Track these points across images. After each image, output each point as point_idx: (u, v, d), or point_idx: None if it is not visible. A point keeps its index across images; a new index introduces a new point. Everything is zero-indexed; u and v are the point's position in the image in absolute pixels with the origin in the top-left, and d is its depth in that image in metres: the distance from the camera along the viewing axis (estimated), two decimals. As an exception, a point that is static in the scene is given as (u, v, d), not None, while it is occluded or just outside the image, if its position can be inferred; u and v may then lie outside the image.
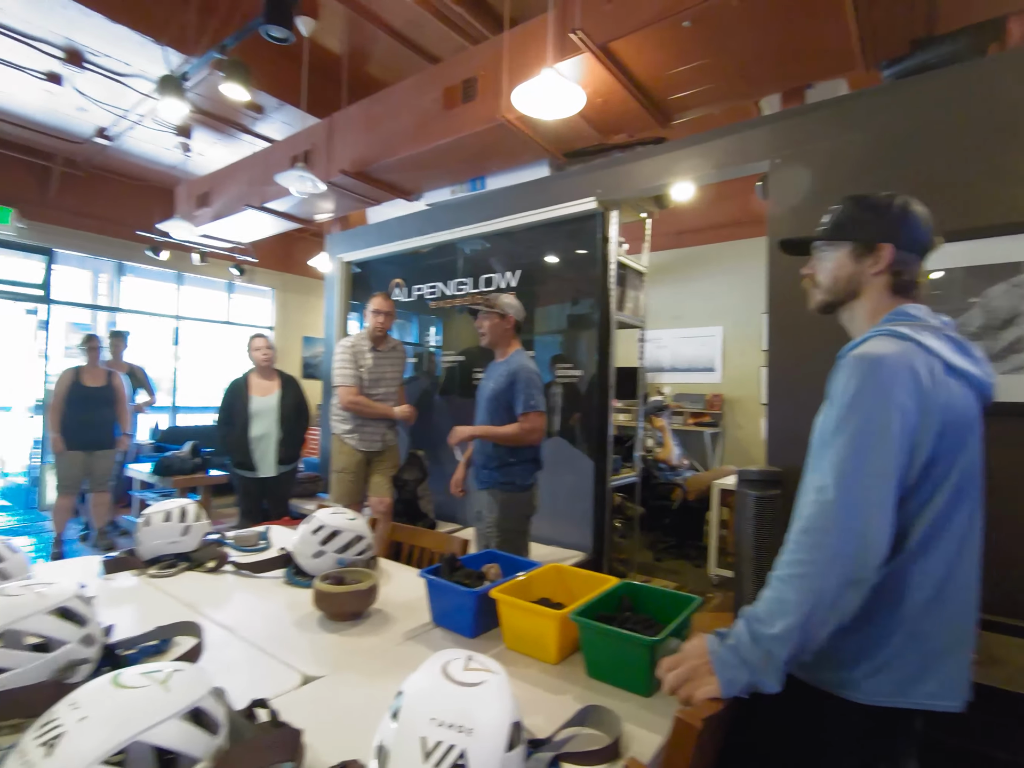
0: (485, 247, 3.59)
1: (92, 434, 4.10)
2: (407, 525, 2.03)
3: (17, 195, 5.38)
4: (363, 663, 1.14)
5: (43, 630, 0.93)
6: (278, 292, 7.79)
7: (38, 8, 3.24)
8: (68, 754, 0.61)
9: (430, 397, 3.84)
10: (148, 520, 1.70)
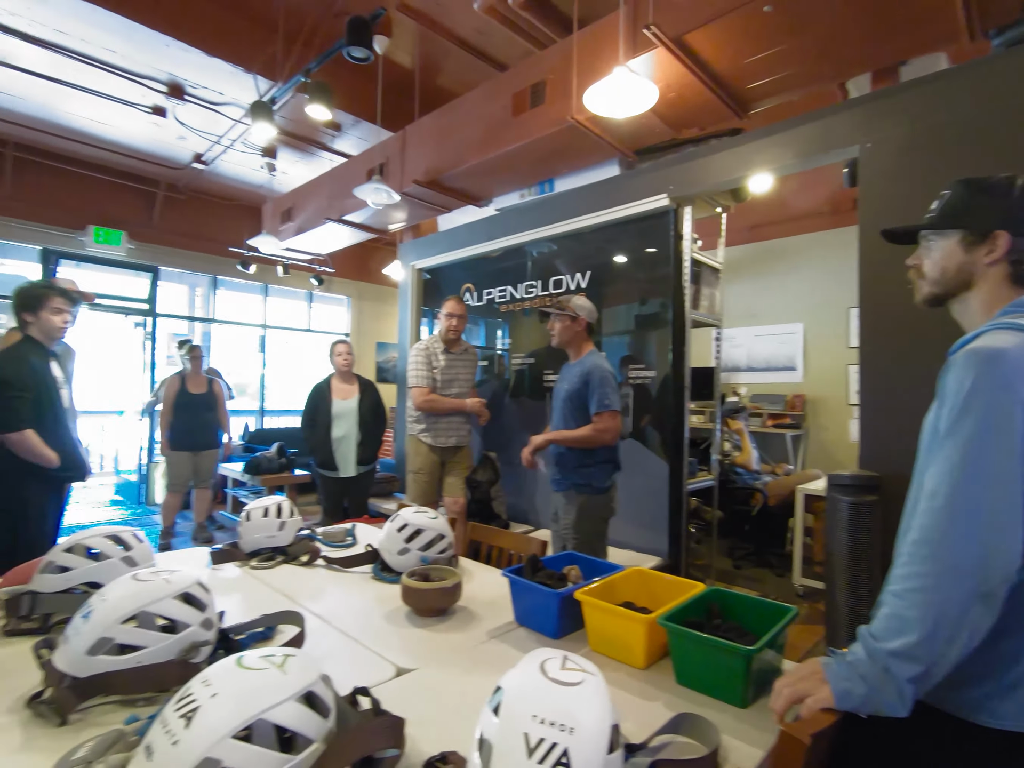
0: (553, 249, 3.60)
1: (198, 436, 4.47)
2: (486, 525, 2.07)
3: (127, 219, 5.95)
4: (452, 658, 1.18)
5: (170, 613, 1.02)
6: (353, 300, 8.15)
7: (145, 48, 3.58)
8: (204, 726, 0.67)
9: (500, 399, 3.89)
10: (248, 515, 1.83)
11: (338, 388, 3.76)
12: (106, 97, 4.24)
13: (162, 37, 3.38)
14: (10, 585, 1.33)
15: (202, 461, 4.53)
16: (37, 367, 2.30)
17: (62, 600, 1.26)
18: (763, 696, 1.02)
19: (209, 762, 0.66)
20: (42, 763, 0.80)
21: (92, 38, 3.50)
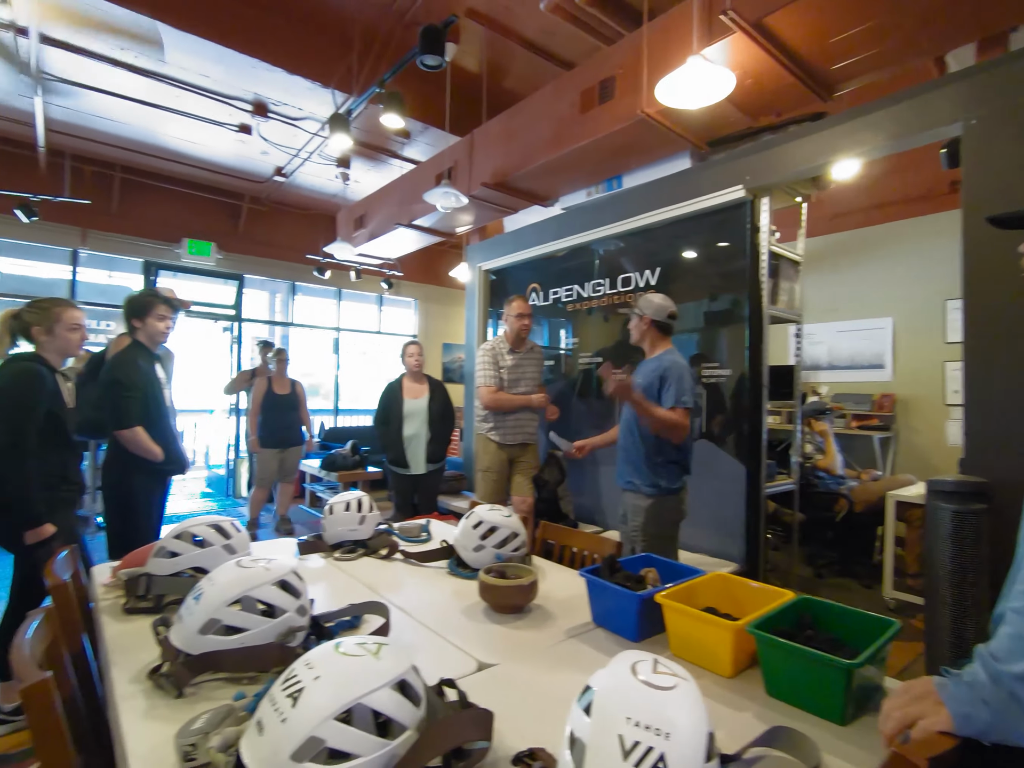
0: (621, 247, 3.54)
1: (283, 434, 4.74)
2: (558, 525, 2.06)
3: (215, 231, 6.39)
4: (532, 655, 1.18)
5: (270, 599, 1.09)
6: (420, 302, 8.36)
7: (234, 71, 3.83)
8: (309, 706, 0.70)
9: (567, 399, 3.87)
10: (332, 509, 1.91)
11: (409, 388, 3.87)
12: (199, 119, 4.57)
13: (249, 60, 3.61)
14: (128, 567, 1.46)
15: (287, 458, 4.80)
16: (144, 369, 2.52)
17: (173, 582, 1.37)
18: (864, 714, 0.96)
19: (314, 740, 0.70)
20: (164, 730, 0.88)
21: (189, 65, 3.78)
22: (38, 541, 1.97)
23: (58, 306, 2.10)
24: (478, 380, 3.30)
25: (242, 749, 0.73)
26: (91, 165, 5.56)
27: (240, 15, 3.51)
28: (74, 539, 2.07)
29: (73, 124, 4.82)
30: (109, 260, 6.11)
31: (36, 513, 1.96)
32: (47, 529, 1.98)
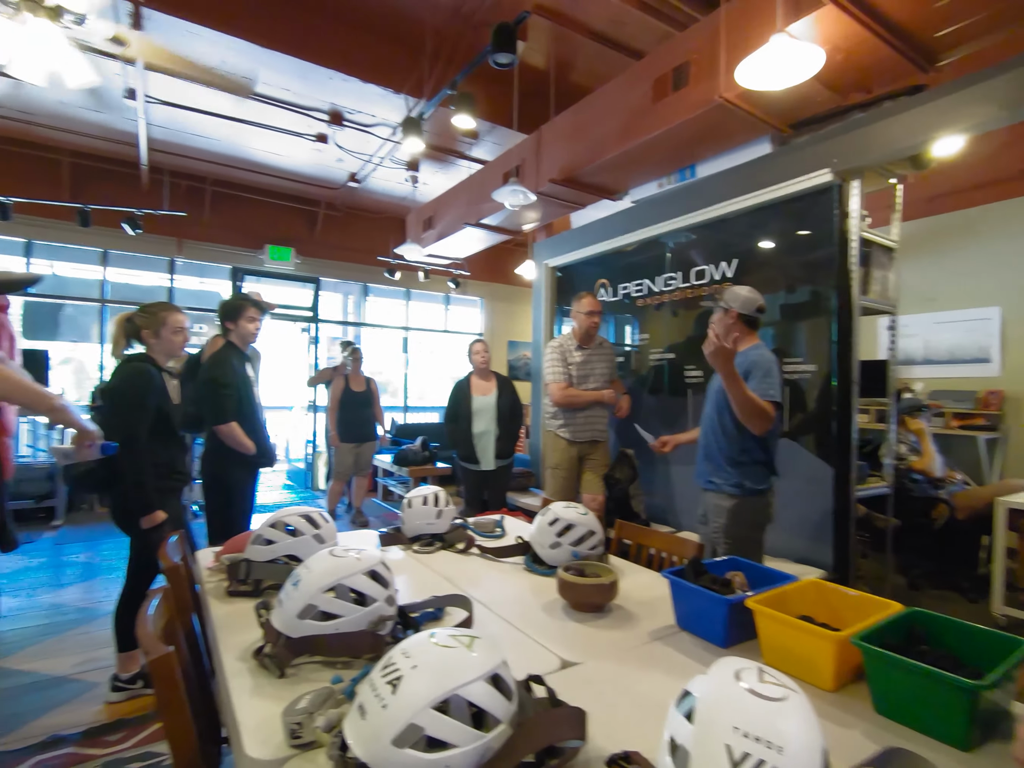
0: (693, 239, 3.42)
1: (359, 430, 4.95)
2: (635, 524, 2.02)
3: (294, 237, 6.74)
4: (616, 656, 1.16)
5: (361, 587, 1.13)
6: (486, 301, 8.46)
7: (313, 83, 4.02)
8: (408, 694, 0.72)
9: (637, 397, 3.79)
10: (410, 503, 1.97)
11: (477, 385, 3.92)
12: (280, 131, 4.84)
13: (327, 71, 3.77)
14: (229, 553, 1.56)
15: (362, 452, 5.00)
16: (238, 368, 2.69)
17: (269, 568, 1.45)
18: (991, 740, 0.88)
19: (413, 728, 0.71)
20: (269, 707, 0.93)
21: (272, 80, 4.00)
22: (151, 527, 2.15)
23: (164, 310, 2.28)
24: (547, 377, 3.29)
25: (345, 731, 0.76)
26: (186, 180, 6.01)
27: (319, 30, 3.68)
28: (182, 525, 2.24)
29: (171, 142, 5.22)
30: (201, 267, 6.58)
31: (149, 501, 2.14)
32: (159, 515, 2.16)
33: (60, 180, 5.50)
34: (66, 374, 6.21)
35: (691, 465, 3.23)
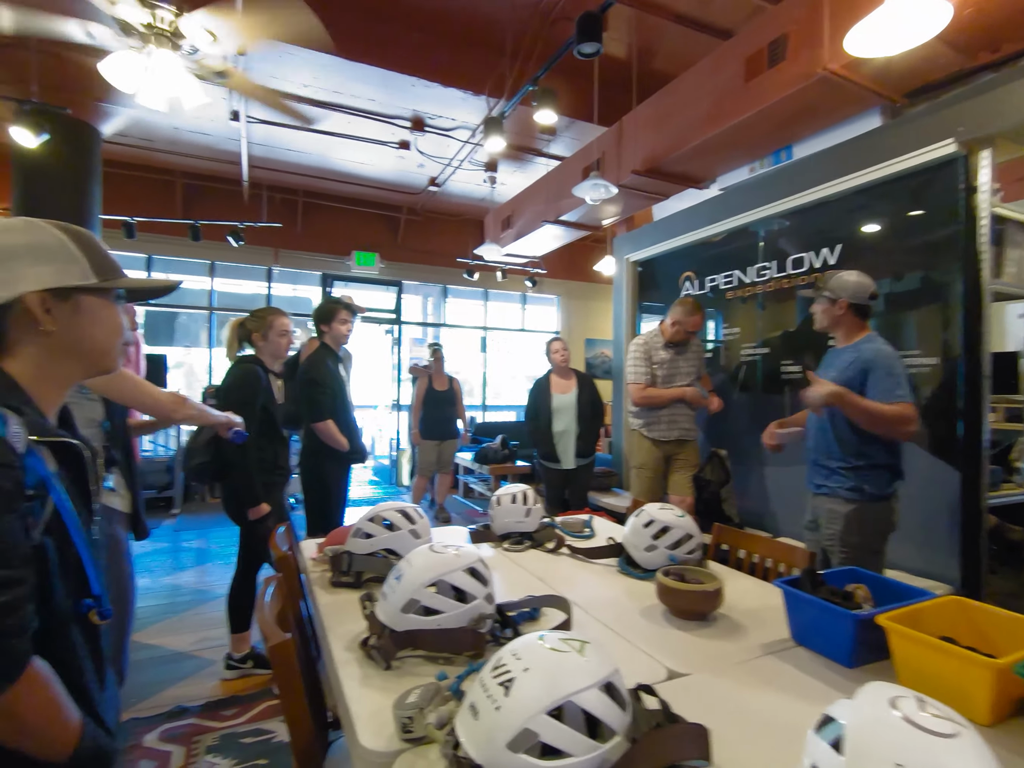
0: (791, 225, 3.19)
1: (442, 427, 5.08)
2: (737, 529, 1.91)
3: (378, 242, 7.01)
4: (726, 669, 1.09)
5: (461, 584, 1.13)
6: (563, 299, 8.40)
7: (396, 91, 4.15)
8: (522, 698, 0.70)
9: (728, 395, 3.60)
10: (499, 500, 1.97)
11: (557, 383, 3.88)
12: (365, 140, 5.04)
13: (409, 79, 3.88)
14: (331, 545, 1.63)
15: (444, 450, 5.12)
16: (332, 368, 2.82)
17: (369, 561, 1.50)
18: None
19: (527, 733, 0.69)
20: (377, 697, 0.95)
21: (358, 92, 4.18)
22: (257, 518, 2.30)
23: (272, 314, 2.43)
24: (628, 376, 3.20)
25: (458, 730, 0.75)
26: (280, 193, 6.42)
27: (401, 39, 3.79)
28: (285, 517, 2.38)
29: (267, 158, 5.60)
30: (294, 275, 7.01)
31: (256, 494, 2.29)
32: (264, 508, 2.30)
33: (174, 199, 6.05)
34: (179, 377, 6.81)
35: (791, 466, 3.04)
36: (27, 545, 0.67)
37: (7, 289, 0.75)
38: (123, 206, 5.40)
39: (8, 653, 0.63)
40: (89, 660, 0.76)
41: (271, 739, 2.00)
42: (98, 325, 0.83)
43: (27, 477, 0.68)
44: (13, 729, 0.66)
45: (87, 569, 0.75)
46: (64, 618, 0.73)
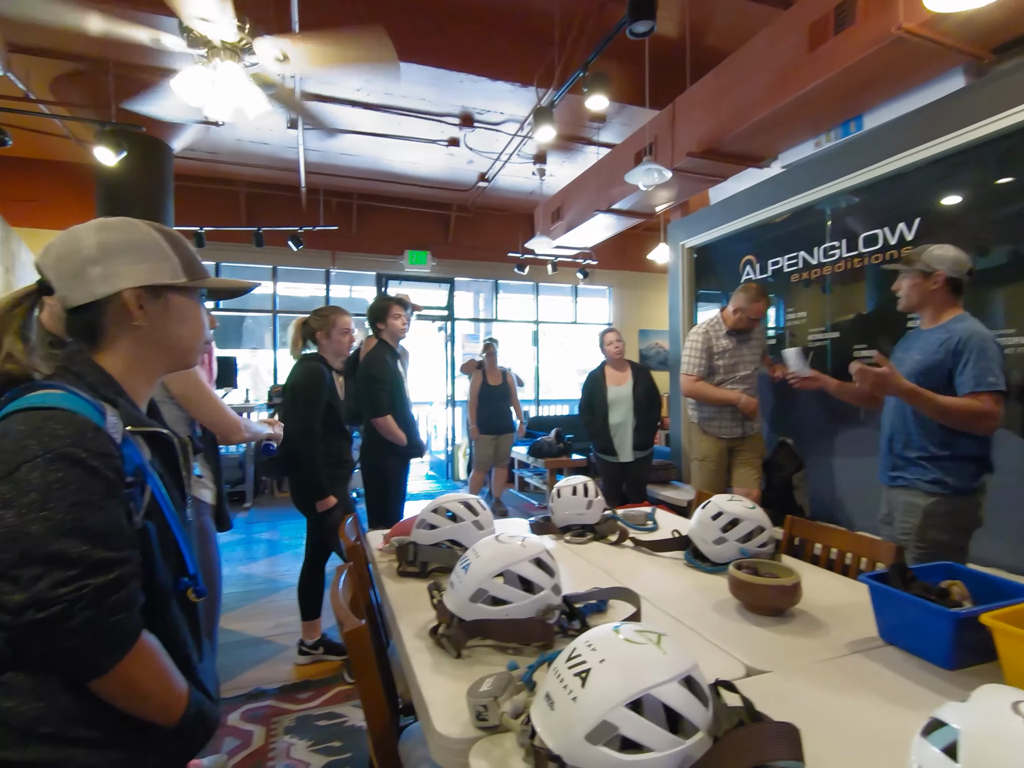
0: (861, 201, 3.00)
1: (497, 422, 5.12)
2: (812, 521, 1.82)
3: (429, 240, 7.12)
4: (809, 667, 1.04)
5: (528, 574, 1.12)
6: (614, 289, 8.27)
7: (445, 89, 4.19)
8: (599, 689, 0.69)
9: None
10: (559, 492, 1.95)
11: (612, 375, 3.82)
12: (416, 140, 5.11)
13: (458, 75, 3.90)
14: (396, 536, 1.66)
15: (501, 444, 5.16)
16: (391, 365, 2.89)
17: (434, 552, 1.52)
18: None
19: (606, 726, 0.68)
20: (449, 685, 0.96)
21: (408, 92, 4.24)
22: (324, 510, 2.38)
23: (334, 313, 2.51)
24: (682, 366, 3.08)
25: (534, 719, 0.75)
26: (336, 197, 6.62)
27: (449, 36, 3.81)
28: (350, 509, 2.46)
29: (323, 163, 5.78)
30: (350, 276, 7.22)
31: (323, 487, 2.37)
32: (330, 500, 2.38)
33: (239, 208, 6.35)
34: (246, 378, 7.17)
35: (863, 457, 2.87)
36: (131, 528, 0.72)
37: (107, 285, 0.79)
38: (193, 217, 5.72)
39: (119, 627, 0.67)
40: (189, 634, 0.81)
41: (343, 723, 2.08)
42: (185, 322, 0.87)
43: (126, 465, 0.72)
44: (130, 695, 0.71)
45: (183, 550, 0.80)
46: (166, 596, 0.78)
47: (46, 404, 0.69)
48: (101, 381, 0.78)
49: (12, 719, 0.65)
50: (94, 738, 0.69)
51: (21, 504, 0.64)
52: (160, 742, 0.75)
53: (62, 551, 0.64)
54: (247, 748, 1.94)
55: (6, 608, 0.62)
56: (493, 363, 5.13)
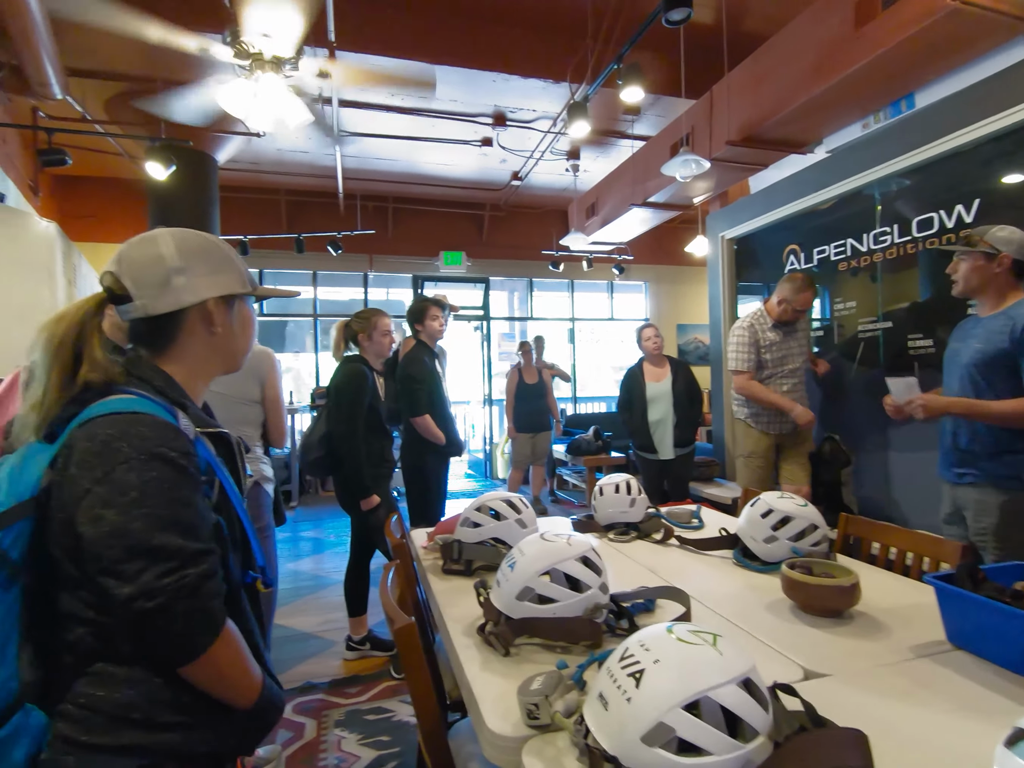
0: (913, 183, 2.85)
1: (534, 420, 5.12)
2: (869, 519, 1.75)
3: (463, 241, 7.16)
4: (873, 672, 0.99)
5: (574, 573, 1.11)
6: (651, 284, 8.14)
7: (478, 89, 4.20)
8: (654, 690, 0.68)
9: (842, 375, 3.30)
10: (601, 490, 1.93)
11: (650, 371, 3.77)
12: (449, 142, 5.15)
13: (490, 75, 3.91)
14: (440, 534, 1.68)
15: (538, 442, 5.16)
16: (429, 365, 2.92)
17: (478, 550, 1.52)
18: None
19: (663, 727, 0.66)
20: (499, 682, 0.96)
21: (442, 94, 4.28)
22: (369, 509, 2.43)
23: (375, 315, 2.56)
24: (731, 363, 2.99)
25: (587, 719, 0.74)
26: (373, 201, 6.74)
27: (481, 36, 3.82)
28: (393, 508, 2.49)
29: (360, 169, 5.89)
30: (386, 279, 7.34)
31: (367, 486, 2.42)
32: (374, 499, 2.43)
33: (280, 216, 6.53)
34: (289, 381, 7.38)
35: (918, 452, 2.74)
36: (211, 521, 0.76)
37: (193, 294, 0.83)
38: (238, 226, 5.91)
39: (212, 613, 0.72)
40: (256, 623, 0.85)
41: (391, 717, 2.11)
42: (246, 329, 0.91)
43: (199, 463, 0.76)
44: (215, 679, 0.75)
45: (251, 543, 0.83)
46: (237, 587, 0.82)
47: (126, 409, 0.73)
48: (168, 385, 0.82)
49: (105, 706, 0.70)
50: (180, 722, 0.73)
51: (122, 503, 0.68)
52: (237, 724, 0.79)
53: (163, 544, 0.68)
54: (300, 740, 2.00)
55: (115, 601, 0.66)
56: (529, 361, 5.13)
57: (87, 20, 2.77)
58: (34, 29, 2.56)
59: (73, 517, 0.69)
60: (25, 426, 0.76)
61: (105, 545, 0.67)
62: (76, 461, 0.70)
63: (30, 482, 0.71)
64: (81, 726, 0.69)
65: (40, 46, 2.70)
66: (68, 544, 0.70)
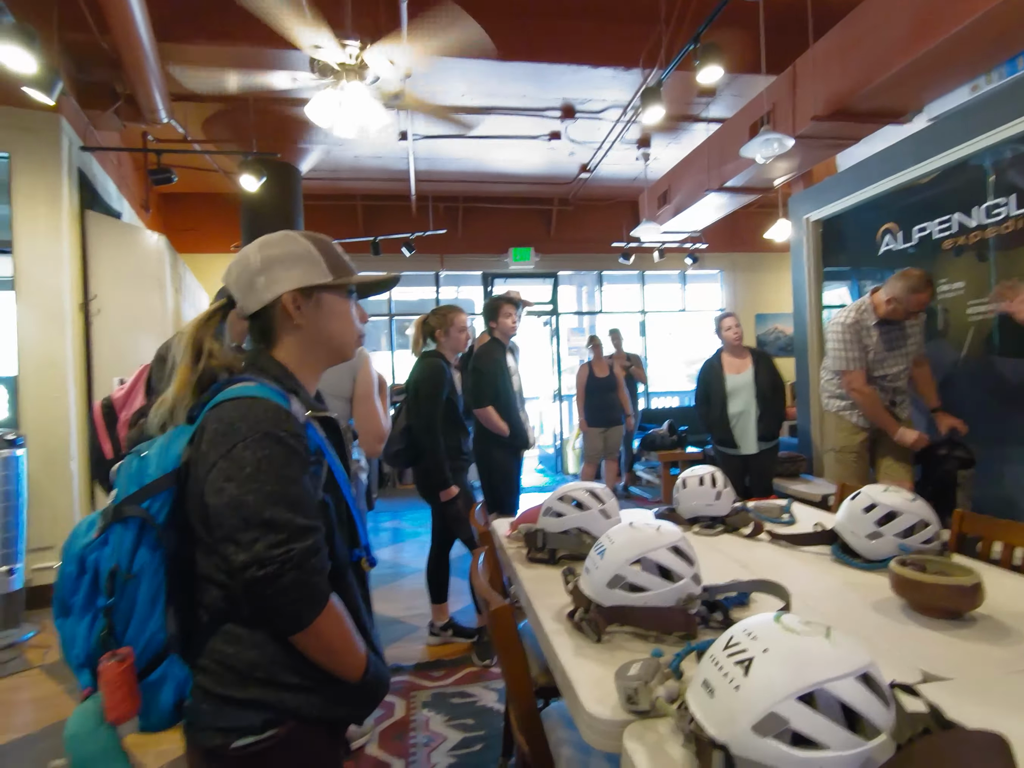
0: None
1: (605, 414, 5.08)
2: (990, 517, 1.61)
3: (532, 236, 7.18)
4: (1002, 679, 0.91)
5: (665, 562, 1.10)
6: (726, 273, 7.82)
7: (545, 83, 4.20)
8: (765, 679, 0.66)
9: (951, 365, 3.04)
10: (684, 483, 1.89)
11: (729, 363, 3.62)
12: (518, 138, 5.18)
13: (557, 67, 3.90)
14: (524, 523, 1.70)
15: (610, 436, 5.11)
16: (498, 359, 2.96)
17: (562, 539, 1.53)
18: None
19: (775, 718, 0.64)
20: (593, 668, 0.97)
21: (511, 91, 4.31)
22: (448, 499, 2.50)
23: (452, 311, 2.63)
24: (839, 363, 2.73)
25: (691, 706, 0.73)
26: (443, 202, 6.90)
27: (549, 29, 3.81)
28: (471, 498, 2.56)
29: (431, 171, 6.04)
30: (456, 278, 7.49)
31: (446, 478, 2.49)
32: (454, 490, 2.50)
33: (356, 221, 6.83)
34: (367, 378, 7.68)
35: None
36: (317, 500, 0.82)
37: (270, 291, 0.90)
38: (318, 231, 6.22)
39: (317, 587, 0.77)
40: (363, 601, 0.90)
41: (475, 702, 2.17)
42: (335, 318, 0.96)
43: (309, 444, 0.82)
44: (321, 650, 0.80)
45: (357, 522, 0.88)
46: (343, 565, 0.87)
47: (247, 394, 0.81)
48: (283, 374, 0.89)
49: (235, 662, 0.78)
50: (299, 684, 0.79)
51: (239, 478, 0.75)
52: (348, 695, 0.84)
53: (273, 518, 0.74)
54: (390, 718, 2.10)
55: (233, 565, 0.74)
56: (599, 355, 5.09)
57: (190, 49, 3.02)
58: (145, 60, 2.82)
59: (204, 488, 0.77)
60: (159, 412, 0.85)
61: (226, 515, 0.75)
62: (207, 439, 0.79)
63: (173, 457, 0.80)
64: (215, 679, 0.78)
65: (150, 75, 2.97)
66: (201, 513, 0.78)
